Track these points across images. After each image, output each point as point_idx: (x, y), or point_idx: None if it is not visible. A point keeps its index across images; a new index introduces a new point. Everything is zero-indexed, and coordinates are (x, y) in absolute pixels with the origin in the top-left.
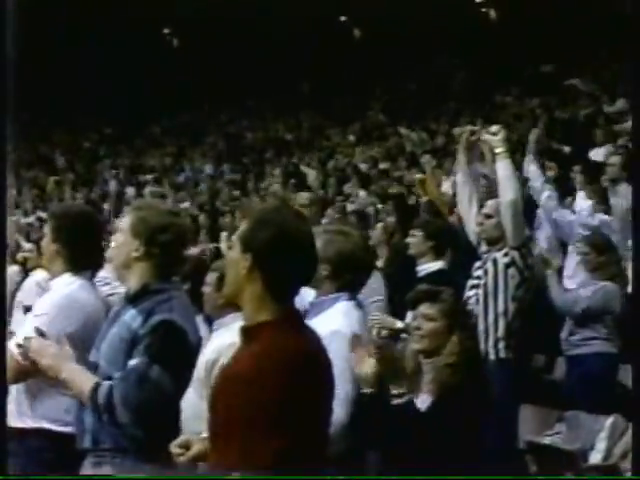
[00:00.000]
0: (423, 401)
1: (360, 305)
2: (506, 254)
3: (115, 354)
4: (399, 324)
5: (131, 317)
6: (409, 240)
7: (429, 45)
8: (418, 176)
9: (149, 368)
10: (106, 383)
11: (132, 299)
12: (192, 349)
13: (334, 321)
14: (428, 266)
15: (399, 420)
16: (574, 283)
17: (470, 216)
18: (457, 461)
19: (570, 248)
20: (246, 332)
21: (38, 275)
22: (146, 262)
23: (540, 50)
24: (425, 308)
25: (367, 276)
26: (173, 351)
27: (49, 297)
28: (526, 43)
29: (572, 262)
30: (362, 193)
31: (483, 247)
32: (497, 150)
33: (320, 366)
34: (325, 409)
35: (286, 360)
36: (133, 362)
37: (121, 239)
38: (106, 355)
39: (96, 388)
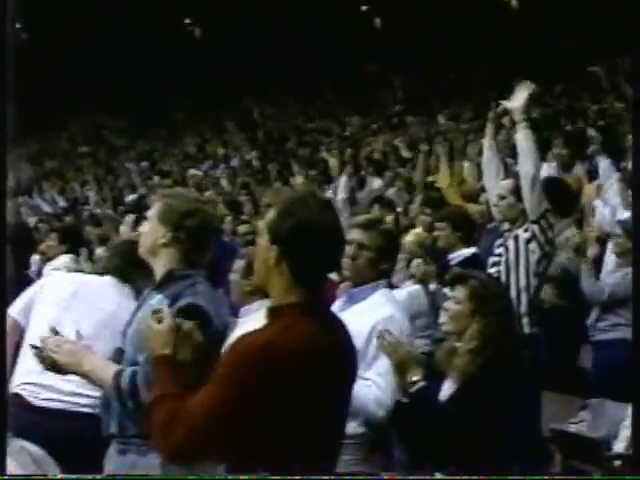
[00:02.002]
0: (447, 388)
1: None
2: (526, 229)
3: (140, 339)
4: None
5: (157, 302)
6: (436, 233)
7: (452, 34)
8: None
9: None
10: (129, 368)
11: (158, 285)
12: (218, 333)
13: (385, 307)
14: (460, 253)
15: (418, 409)
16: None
17: (494, 192)
18: (477, 451)
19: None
20: (270, 312)
21: (57, 262)
22: (173, 248)
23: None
24: (455, 290)
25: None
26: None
27: None
28: (547, 29)
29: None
30: (378, 181)
31: (505, 225)
32: (517, 118)
33: (337, 353)
34: (332, 396)
35: (297, 343)
36: None
37: (148, 226)
38: (132, 340)
39: (119, 374)
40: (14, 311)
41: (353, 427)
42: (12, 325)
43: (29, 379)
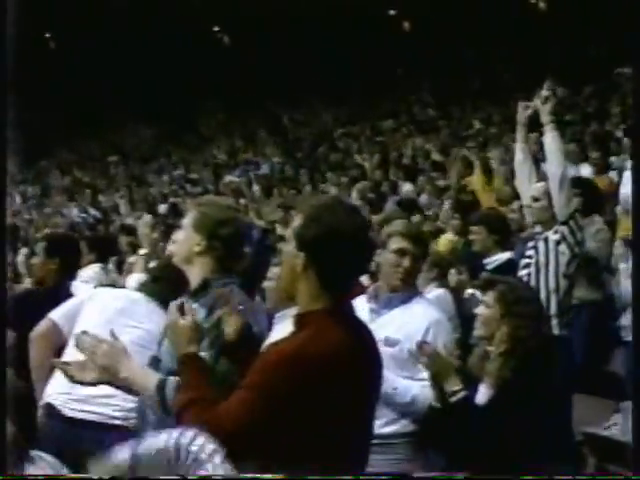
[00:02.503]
0: (483, 393)
1: None
2: (556, 231)
3: None
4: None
5: (200, 314)
6: (472, 237)
7: (480, 36)
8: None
9: (216, 362)
10: (172, 379)
11: (193, 293)
12: (256, 341)
13: (432, 310)
14: (496, 258)
15: (458, 416)
16: None
17: (529, 195)
18: (513, 455)
19: None
20: (297, 319)
21: (86, 273)
22: (207, 256)
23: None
24: (485, 295)
25: None
26: (238, 343)
27: None
28: (574, 31)
29: None
30: (408, 186)
31: (537, 228)
32: (544, 120)
33: (364, 359)
34: (360, 401)
35: (327, 349)
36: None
37: (183, 235)
38: (168, 350)
39: (162, 385)
40: (55, 315)
41: (403, 425)
42: (50, 327)
43: (63, 389)
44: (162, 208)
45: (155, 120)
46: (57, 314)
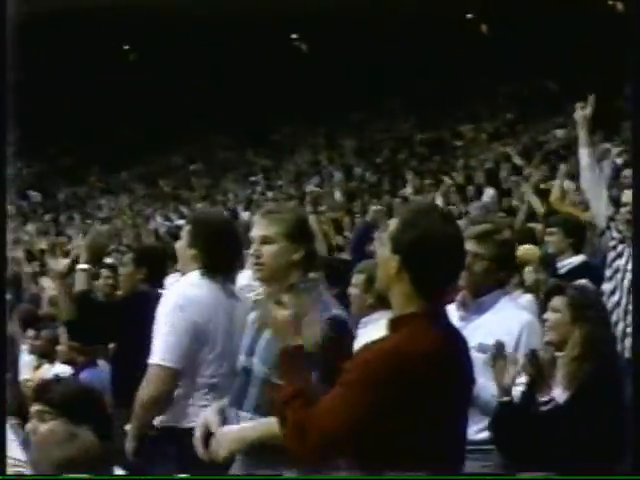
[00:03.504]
0: (559, 396)
1: None
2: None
3: (272, 353)
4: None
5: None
6: (548, 238)
7: (558, 37)
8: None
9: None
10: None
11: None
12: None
13: (523, 313)
14: (570, 261)
15: (544, 425)
16: None
17: (600, 201)
18: (596, 457)
19: None
20: (392, 322)
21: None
22: (297, 261)
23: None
24: (553, 300)
25: None
26: (349, 345)
27: (167, 296)
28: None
29: None
30: (491, 191)
31: (614, 233)
32: (579, 133)
33: (457, 363)
34: (448, 408)
35: (421, 351)
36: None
37: (277, 246)
38: (262, 356)
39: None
40: (176, 361)
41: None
42: (171, 375)
43: None
44: (244, 215)
45: (235, 129)
46: (175, 358)
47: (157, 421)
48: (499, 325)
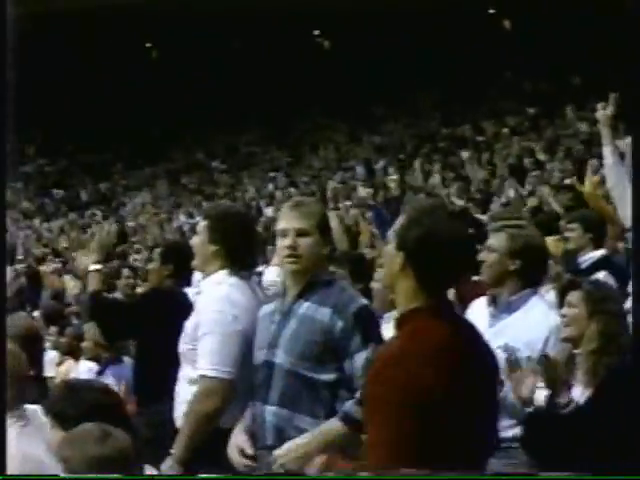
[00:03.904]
0: (580, 393)
1: None
2: None
3: (310, 350)
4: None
5: (307, 309)
6: (567, 234)
7: (582, 32)
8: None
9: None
10: (349, 402)
11: (300, 293)
12: None
13: (551, 316)
14: (590, 256)
15: (566, 427)
16: None
17: (624, 200)
18: (615, 454)
19: None
20: (397, 321)
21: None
22: (326, 255)
23: None
24: (569, 296)
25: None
26: (379, 335)
27: (205, 300)
28: None
29: None
30: (514, 185)
31: None
32: (602, 132)
33: (469, 354)
34: (468, 403)
35: (429, 345)
36: (363, 354)
37: (312, 239)
38: (287, 348)
39: (346, 416)
40: (232, 373)
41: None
42: (230, 388)
43: None
44: (268, 212)
45: (258, 125)
46: (229, 364)
47: None
48: (528, 327)
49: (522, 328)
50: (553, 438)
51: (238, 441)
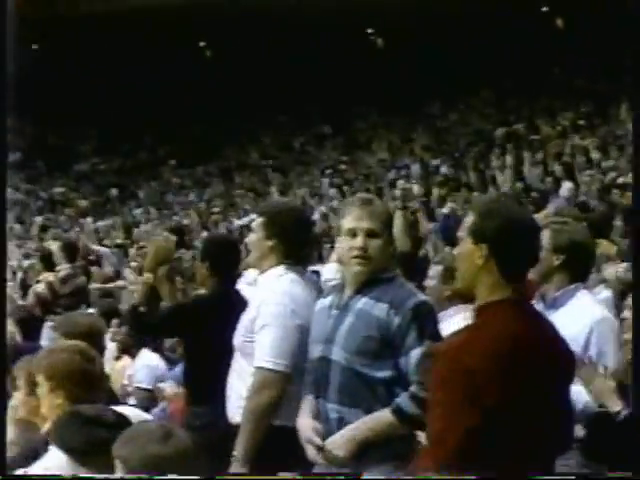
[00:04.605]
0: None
1: None
2: None
3: (366, 345)
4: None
5: (364, 304)
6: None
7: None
8: None
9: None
10: (403, 395)
11: (358, 289)
12: None
13: (596, 309)
14: None
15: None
16: None
17: None
18: None
19: None
20: (478, 311)
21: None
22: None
23: None
24: (629, 298)
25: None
26: (437, 327)
27: (265, 293)
28: None
29: None
30: (568, 184)
31: None
32: None
33: (547, 348)
34: (541, 395)
35: (505, 335)
36: (419, 350)
37: (381, 239)
38: (345, 344)
39: (398, 408)
40: (289, 366)
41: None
42: (285, 380)
43: None
44: (321, 210)
45: (311, 124)
46: (288, 360)
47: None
48: (571, 320)
49: (566, 323)
50: (615, 441)
51: (307, 435)
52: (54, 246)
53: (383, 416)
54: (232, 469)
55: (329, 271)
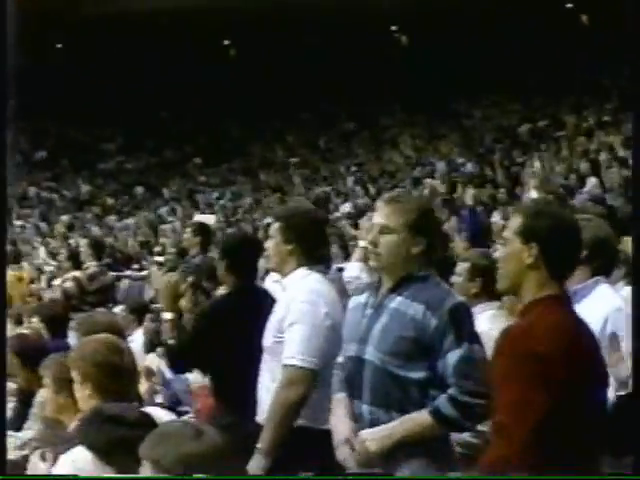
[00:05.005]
0: None
1: None
2: None
3: (400, 346)
4: None
5: (399, 304)
6: None
7: None
8: None
9: (475, 351)
10: (442, 397)
11: (392, 288)
12: None
13: (614, 299)
14: None
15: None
16: None
17: None
18: None
19: None
20: (524, 308)
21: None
22: (415, 255)
23: None
24: None
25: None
26: (474, 328)
27: (294, 293)
28: None
29: None
30: (593, 180)
31: None
32: None
33: (588, 347)
34: (582, 391)
35: (565, 327)
36: (457, 353)
37: (396, 236)
38: (379, 344)
39: (436, 410)
40: (317, 363)
41: None
42: (312, 377)
43: None
44: (346, 207)
45: (336, 121)
46: (316, 359)
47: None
48: (590, 310)
49: (586, 314)
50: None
51: (345, 436)
52: (82, 243)
53: (420, 417)
54: (254, 461)
55: (352, 269)
